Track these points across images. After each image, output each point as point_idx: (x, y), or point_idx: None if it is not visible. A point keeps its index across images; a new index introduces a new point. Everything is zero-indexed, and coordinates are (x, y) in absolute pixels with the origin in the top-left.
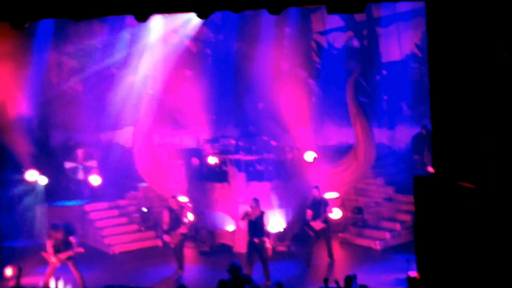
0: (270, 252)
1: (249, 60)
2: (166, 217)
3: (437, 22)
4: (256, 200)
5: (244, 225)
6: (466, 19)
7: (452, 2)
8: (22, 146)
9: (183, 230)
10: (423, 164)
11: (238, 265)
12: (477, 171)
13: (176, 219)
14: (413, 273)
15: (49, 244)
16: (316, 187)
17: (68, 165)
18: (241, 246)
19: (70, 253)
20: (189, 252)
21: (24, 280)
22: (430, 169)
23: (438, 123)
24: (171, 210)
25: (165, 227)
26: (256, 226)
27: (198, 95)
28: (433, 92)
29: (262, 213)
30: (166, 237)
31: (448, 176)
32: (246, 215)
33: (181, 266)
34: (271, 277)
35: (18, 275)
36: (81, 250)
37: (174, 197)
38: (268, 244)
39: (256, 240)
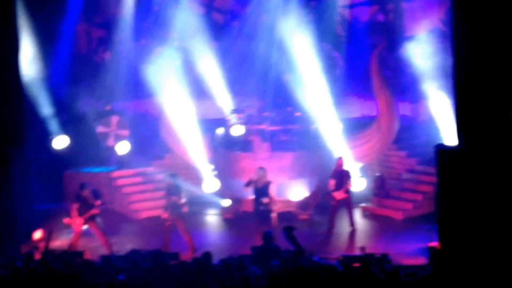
0: (275, 218)
1: (275, 32)
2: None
3: None
4: (262, 169)
5: (249, 191)
6: None
7: None
8: (51, 112)
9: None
10: None
11: (271, 235)
12: (499, 142)
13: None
14: (434, 243)
15: (74, 207)
16: (340, 158)
17: (100, 129)
18: None
19: (93, 211)
20: (213, 219)
21: (53, 243)
22: None
23: (461, 95)
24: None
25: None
26: (261, 194)
27: (224, 66)
28: (457, 64)
29: (268, 183)
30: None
31: (470, 147)
32: (250, 182)
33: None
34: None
35: (48, 238)
36: (102, 209)
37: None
38: (274, 211)
39: (261, 207)
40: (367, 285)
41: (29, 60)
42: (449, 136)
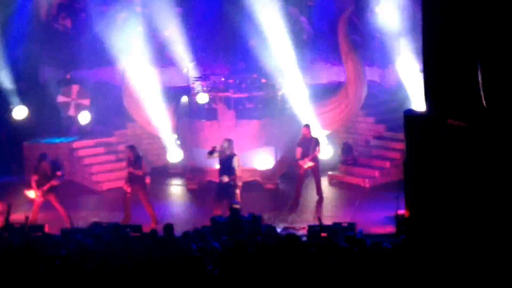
0: (238, 195)
1: None
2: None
3: None
4: (228, 141)
5: (210, 160)
6: None
7: None
8: (9, 82)
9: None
10: None
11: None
12: (469, 108)
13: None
14: (402, 211)
15: (33, 179)
16: (306, 125)
17: (61, 99)
18: None
19: (52, 183)
20: (177, 190)
21: (12, 217)
22: None
23: (429, 58)
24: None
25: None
26: (224, 166)
27: (188, 32)
28: (426, 28)
29: (233, 155)
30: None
31: (440, 113)
32: (213, 151)
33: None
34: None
35: (7, 212)
36: (58, 182)
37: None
38: (238, 187)
39: (223, 179)
40: (333, 256)
41: None
42: (418, 102)
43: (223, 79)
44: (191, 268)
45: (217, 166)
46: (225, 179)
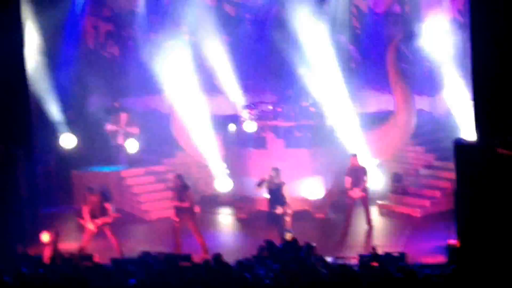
0: (289, 223)
1: (288, 25)
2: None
3: None
4: (276, 170)
5: (260, 191)
6: None
7: None
8: (57, 110)
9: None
10: None
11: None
12: None
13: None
14: (453, 241)
15: (85, 210)
16: (354, 155)
17: (109, 127)
18: None
19: (107, 219)
20: (226, 219)
21: (61, 246)
22: None
23: (480, 90)
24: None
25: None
26: (274, 196)
27: (236, 60)
28: (475, 57)
29: (281, 184)
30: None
31: (490, 143)
32: (261, 182)
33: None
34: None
35: (55, 240)
36: (117, 215)
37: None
38: (288, 215)
39: (274, 210)
40: (385, 285)
41: (34, 56)
42: (468, 131)
43: (271, 107)
44: None
45: (266, 196)
46: (279, 210)
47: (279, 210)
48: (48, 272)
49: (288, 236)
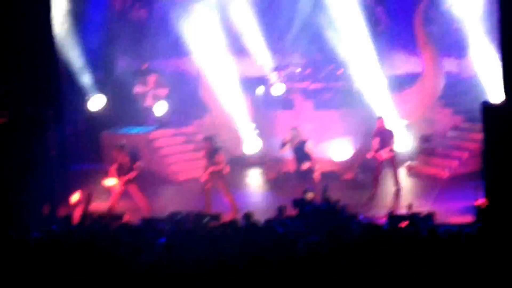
0: (318, 178)
1: None
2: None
3: None
4: (294, 129)
5: (284, 152)
6: None
7: None
8: (86, 72)
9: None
10: None
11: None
12: None
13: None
14: (481, 201)
15: (113, 167)
16: (380, 117)
17: (138, 89)
18: None
19: (132, 174)
20: (256, 180)
21: (91, 206)
22: None
23: (508, 51)
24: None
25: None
26: (298, 154)
27: (264, 23)
28: (504, 19)
29: (303, 141)
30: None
31: None
32: (284, 143)
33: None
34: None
35: (87, 201)
36: (136, 174)
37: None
38: (316, 171)
39: (303, 166)
40: (413, 244)
41: (61, 18)
42: (496, 92)
43: (299, 69)
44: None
45: (291, 155)
46: (305, 165)
47: (305, 165)
48: (78, 231)
49: (310, 195)
